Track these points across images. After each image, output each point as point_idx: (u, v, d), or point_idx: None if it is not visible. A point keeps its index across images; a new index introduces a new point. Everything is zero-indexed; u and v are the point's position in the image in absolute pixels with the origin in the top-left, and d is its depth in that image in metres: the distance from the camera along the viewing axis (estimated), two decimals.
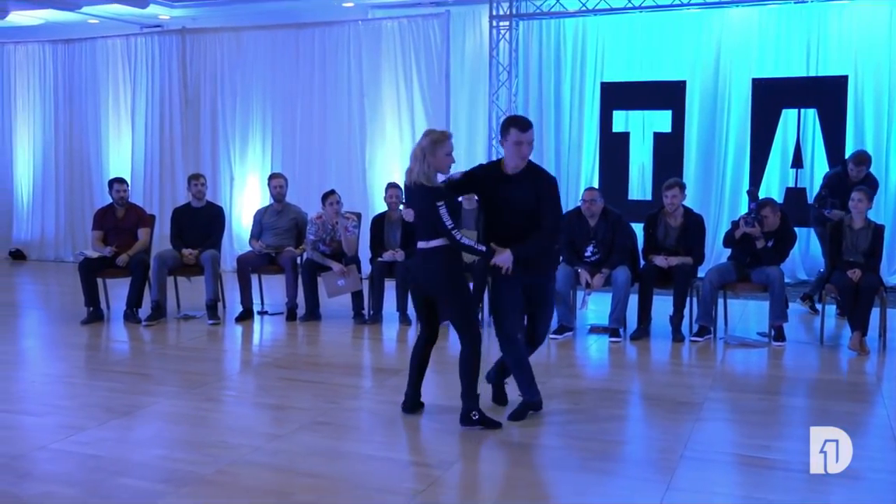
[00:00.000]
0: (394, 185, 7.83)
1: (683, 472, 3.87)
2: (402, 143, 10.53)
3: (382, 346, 6.92)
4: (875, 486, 3.76)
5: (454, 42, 10.33)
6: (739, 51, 9.66)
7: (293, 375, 5.74)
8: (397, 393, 5.31)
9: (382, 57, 10.57)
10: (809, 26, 9.40)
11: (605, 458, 4.15)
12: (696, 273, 6.96)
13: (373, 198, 10.23)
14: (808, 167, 9.28)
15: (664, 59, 9.85)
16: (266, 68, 11.09)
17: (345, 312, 7.61)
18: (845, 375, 5.88)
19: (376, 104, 10.64)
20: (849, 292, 6.39)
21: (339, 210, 7.50)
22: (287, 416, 4.78)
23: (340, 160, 10.78)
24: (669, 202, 6.84)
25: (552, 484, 3.83)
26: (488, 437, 4.36)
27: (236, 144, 11.29)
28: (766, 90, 9.13)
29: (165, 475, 3.86)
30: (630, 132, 9.71)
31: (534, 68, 10.35)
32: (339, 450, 4.21)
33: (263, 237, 7.89)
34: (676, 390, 5.35)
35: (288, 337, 7.10)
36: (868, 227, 6.62)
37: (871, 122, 9.27)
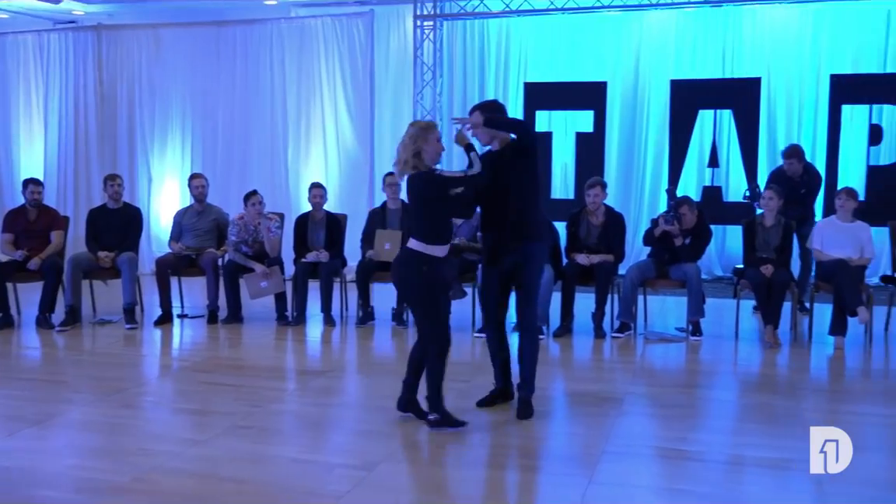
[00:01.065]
0: (318, 184, 7.78)
1: (605, 466, 3.94)
2: (325, 143, 10.46)
3: (306, 347, 6.85)
4: (785, 475, 3.89)
5: (378, 41, 10.31)
6: (658, 53, 9.89)
7: (214, 379, 5.64)
8: (322, 395, 5.28)
9: (306, 56, 10.48)
10: (725, 29, 9.68)
11: (529, 454, 4.19)
12: (616, 270, 7.09)
13: (296, 198, 10.13)
14: (723, 166, 9.55)
15: (586, 61, 10.02)
16: (186, 67, 10.88)
17: (268, 314, 7.52)
18: (759, 368, 6.07)
19: (300, 104, 10.54)
20: (762, 288, 6.60)
21: (261, 211, 7.41)
22: (208, 421, 4.69)
23: (263, 160, 10.65)
24: (591, 201, 6.96)
25: (477, 482, 3.85)
26: (414, 437, 4.36)
27: (155, 144, 11.05)
28: (684, 91, 9.35)
29: (80, 485, 3.75)
30: (553, 132, 9.83)
31: (458, 68, 10.41)
32: (262, 454, 4.15)
33: (183, 239, 7.74)
34: (598, 386, 5.45)
35: (209, 340, 6.97)
36: (779, 224, 6.86)
37: (783, 123, 9.59)
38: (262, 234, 7.38)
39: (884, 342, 6.75)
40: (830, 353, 6.35)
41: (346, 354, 6.70)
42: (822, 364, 6.18)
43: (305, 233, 7.59)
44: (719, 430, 4.56)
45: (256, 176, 10.38)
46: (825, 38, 9.42)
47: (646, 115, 10.00)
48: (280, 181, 10.50)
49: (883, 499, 3.62)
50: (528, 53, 10.27)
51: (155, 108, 11.02)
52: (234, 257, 7.41)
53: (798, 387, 5.55)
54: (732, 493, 3.72)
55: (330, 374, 5.78)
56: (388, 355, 6.57)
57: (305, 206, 8.00)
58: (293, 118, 10.56)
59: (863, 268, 6.69)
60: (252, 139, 10.68)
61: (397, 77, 10.40)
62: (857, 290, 6.37)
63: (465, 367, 5.97)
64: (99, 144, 11.20)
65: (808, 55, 9.47)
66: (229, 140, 10.79)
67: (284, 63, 10.54)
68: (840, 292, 6.41)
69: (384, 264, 7.27)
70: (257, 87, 10.64)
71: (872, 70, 9.15)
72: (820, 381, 5.82)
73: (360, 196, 10.07)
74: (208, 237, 7.75)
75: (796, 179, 7.69)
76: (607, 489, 3.71)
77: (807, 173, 7.77)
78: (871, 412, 4.93)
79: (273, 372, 5.95)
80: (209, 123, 10.87)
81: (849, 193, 6.81)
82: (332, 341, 6.96)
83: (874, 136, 8.95)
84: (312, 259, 7.39)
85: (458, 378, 5.57)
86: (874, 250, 6.88)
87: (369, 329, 7.28)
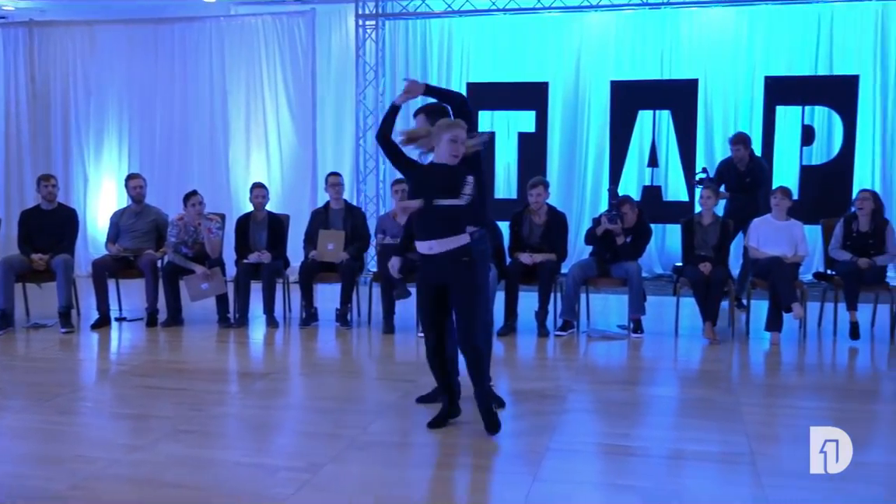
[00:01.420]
0: (259, 184, 7.70)
1: (549, 464, 3.97)
2: (266, 142, 10.34)
3: (249, 349, 6.77)
4: (724, 468, 3.97)
5: (320, 41, 10.23)
6: (598, 54, 10.01)
7: (154, 383, 5.54)
8: (265, 397, 5.23)
9: (246, 55, 10.35)
10: (663, 31, 9.84)
11: (474, 453, 4.21)
12: (559, 269, 7.16)
13: (237, 198, 10.00)
14: (662, 166, 9.71)
15: (528, 61, 10.09)
16: (122, 65, 10.65)
17: (209, 316, 7.41)
18: (699, 364, 6.20)
19: (240, 103, 10.41)
20: (700, 285, 6.74)
21: (201, 211, 7.31)
22: (148, 426, 4.61)
23: (202, 160, 10.49)
24: (534, 200, 7.01)
25: (421, 482, 3.85)
26: (359, 438, 4.35)
27: (91, 144, 10.79)
28: (623, 92, 9.48)
29: (15, 493, 3.64)
30: (496, 132, 9.88)
31: (400, 68, 10.39)
32: (204, 458, 4.09)
33: (121, 240, 7.58)
34: (542, 384, 5.49)
35: (148, 343, 6.85)
36: (716, 223, 7.03)
37: (720, 124, 9.79)
38: (203, 235, 7.28)
39: (817, 337, 6.95)
40: (767, 349, 6.51)
41: (289, 356, 6.64)
42: (758, 359, 6.33)
43: (247, 233, 7.50)
44: (660, 426, 4.63)
45: (196, 176, 10.21)
46: (760, 41, 9.65)
47: (587, 116, 10.11)
48: (221, 181, 10.35)
49: (817, 489, 3.72)
50: (470, 54, 10.31)
51: (91, 107, 10.77)
52: (173, 259, 7.29)
53: (736, 382, 5.68)
54: (674, 487, 3.79)
55: (273, 376, 5.73)
56: (332, 356, 6.53)
57: (247, 206, 7.91)
58: (234, 117, 10.42)
59: (797, 265, 6.89)
60: (192, 139, 10.52)
61: (339, 77, 10.34)
62: (792, 286, 6.55)
63: (409, 368, 5.97)
64: (32, 144, 10.89)
65: (743, 57, 9.68)
66: (168, 140, 10.60)
67: (225, 62, 10.39)
68: (775, 289, 6.58)
69: (328, 265, 7.24)
70: (197, 85, 10.47)
71: (805, 72, 9.41)
72: (757, 376, 5.96)
73: (303, 196, 9.98)
74: (147, 238, 7.61)
75: (742, 169, 7.87)
76: (551, 486, 3.75)
77: (752, 162, 7.95)
78: (805, 405, 5.07)
79: (215, 374, 5.87)
80: (147, 123, 10.66)
81: (783, 192, 7.00)
82: (275, 343, 6.89)
83: (807, 137, 9.20)
84: (254, 260, 7.31)
85: (403, 378, 5.58)
86: (808, 248, 7.08)
87: (313, 330, 7.23)
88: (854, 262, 6.72)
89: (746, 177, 7.87)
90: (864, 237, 6.83)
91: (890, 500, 3.60)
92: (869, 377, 5.99)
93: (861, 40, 9.36)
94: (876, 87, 9.32)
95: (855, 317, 6.62)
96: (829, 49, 9.43)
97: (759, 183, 7.90)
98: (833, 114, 9.16)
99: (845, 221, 6.96)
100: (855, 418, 4.77)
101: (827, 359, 6.49)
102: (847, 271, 6.71)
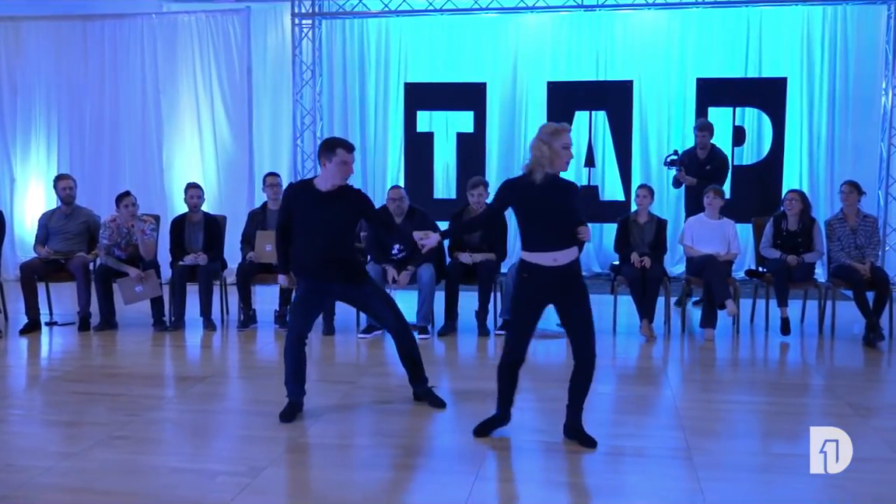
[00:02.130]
0: (194, 185, 7.57)
1: (492, 462, 4.00)
2: (201, 142, 10.18)
3: (185, 353, 6.66)
4: (661, 463, 4.06)
5: (255, 39, 10.11)
6: (535, 55, 10.10)
7: (87, 389, 5.41)
8: (202, 401, 5.15)
9: (179, 53, 10.17)
10: (598, 33, 9.98)
11: (416, 453, 4.21)
12: (499, 269, 7.21)
13: (171, 199, 9.82)
14: (599, 166, 9.85)
15: (465, 62, 10.13)
16: (50, 63, 10.37)
17: (144, 320, 7.27)
18: (636, 361, 6.30)
19: (174, 102, 10.23)
20: (637, 283, 6.86)
21: (134, 212, 7.16)
22: (81, 433, 4.50)
23: (135, 160, 10.28)
24: (475, 201, 7.01)
25: (363, 483, 3.84)
26: (299, 440, 4.31)
27: (17, 144, 10.48)
28: (560, 93, 9.57)
29: None
30: (434, 132, 9.90)
31: (338, 68, 10.34)
32: (140, 464, 4.01)
33: (51, 242, 7.38)
34: (483, 383, 5.50)
35: (81, 348, 6.68)
36: (652, 221, 7.17)
37: (654, 125, 9.98)
38: (136, 236, 7.13)
39: (749, 333, 7.13)
40: (702, 345, 6.66)
41: (227, 359, 6.55)
42: (694, 355, 6.46)
43: (182, 235, 7.38)
44: (599, 423, 4.69)
45: (129, 177, 10.02)
46: (692, 43, 9.85)
47: (524, 116, 10.19)
48: (154, 182, 10.16)
49: (755, 480, 3.82)
50: (408, 54, 10.31)
51: (17, 106, 10.45)
52: (106, 261, 7.13)
53: (672, 377, 5.79)
54: (613, 482, 3.85)
55: (210, 380, 5.64)
56: (271, 359, 6.45)
57: (181, 207, 7.78)
58: (167, 117, 10.23)
59: (730, 263, 7.06)
60: (123, 138, 10.29)
61: (276, 76, 10.23)
62: (725, 284, 6.72)
63: (349, 369, 5.94)
64: None
65: (676, 59, 9.88)
66: (98, 139, 10.35)
67: (157, 60, 10.19)
68: (709, 286, 6.74)
69: (266, 266, 7.17)
70: (128, 84, 10.25)
71: (735, 74, 9.64)
72: (692, 372, 6.09)
73: (240, 197, 9.86)
74: (78, 241, 7.43)
75: (702, 157, 8.03)
76: (494, 484, 3.77)
77: (713, 151, 8.13)
78: (739, 400, 5.20)
79: (150, 379, 5.75)
80: (76, 122, 10.40)
81: (716, 192, 7.17)
82: (212, 346, 6.79)
83: (738, 137, 9.43)
84: (190, 262, 7.20)
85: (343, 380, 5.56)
86: (740, 246, 7.26)
87: (251, 332, 7.15)
88: (783, 259, 6.92)
89: (707, 164, 8.04)
90: (793, 236, 7.04)
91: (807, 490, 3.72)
92: (800, 371, 6.17)
93: (789, 43, 9.64)
94: (803, 89, 9.61)
95: (785, 313, 6.83)
96: (759, 51, 9.69)
97: (718, 173, 8.05)
98: (763, 115, 9.41)
99: (775, 220, 7.16)
100: (787, 412, 4.92)
101: (759, 354, 6.66)
102: (777, 269, 6.91)
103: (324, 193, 4.70)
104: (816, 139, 9.72)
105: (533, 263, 4.19)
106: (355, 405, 4.92)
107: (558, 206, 4.16)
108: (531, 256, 4.20)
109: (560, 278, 4.17)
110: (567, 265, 4.17)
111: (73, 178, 7.68)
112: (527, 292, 4.26)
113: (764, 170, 9.29)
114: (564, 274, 4.17)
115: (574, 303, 4.21)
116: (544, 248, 4.17)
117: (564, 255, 4.16)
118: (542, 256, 4.17)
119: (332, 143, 4.71)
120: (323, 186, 4.70)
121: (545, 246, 4.17)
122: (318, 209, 4.68)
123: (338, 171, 4.65)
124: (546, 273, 4.17)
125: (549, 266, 4.15)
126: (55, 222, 7.47)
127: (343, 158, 4.64)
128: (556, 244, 4.16)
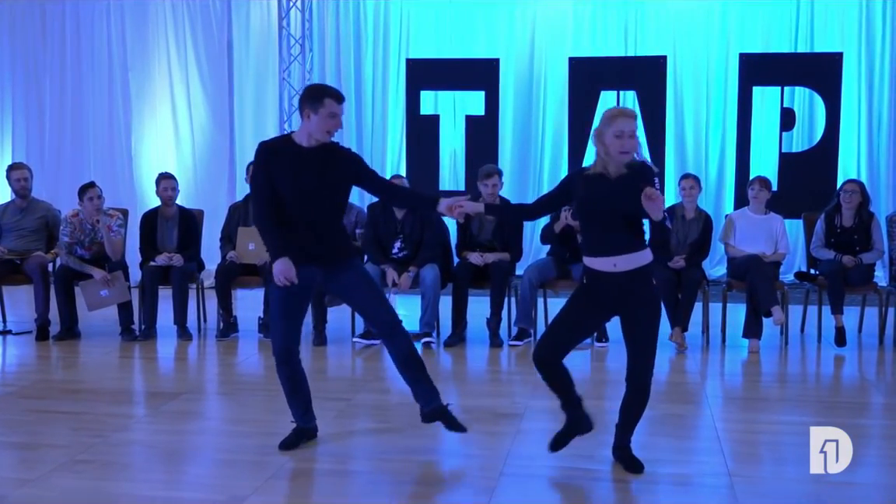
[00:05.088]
0: (167, 175, 7.60)
1: (504, 490, 4.00)
2: (176, 127, 10.24)
3: (158, 366, 6.69)
4: (703, 492, 4.05)
5: (237, 11, 10.17)
6: (555, 28, 10.11)
7: (46, 406, 5.43)
8: (176, 420, 5.16)
9: (150, 28, 10.22)
10: (627, 2, 9.97)
11: (419, 480, 4.21)
12: (513, 271, 7.20)
13: (142, 191, 9.88)
14: None
15: (475, 35, 10.14)
16: (4, 44, 10.43)
17: (110, 328, 7.31)
18: (667, 375, 6.28)
19: (144, 83, 10.28)
20: (671, 286, 6.80)
21: (100, 206, 7.18)
22: (39, 457, 4.51)
23: (100, 148, 10.35)
24: (489, 192, 6.96)
25: None
26: (285, 466, 4.32)
27: None
28: (584, 70, 9.57)
29: None
30: (440, 115, 9.91)
31: (331, 41, 10.36)
32: (106, 492, 4.03)
33: (4, 240, 7.43)
34: (495, 400, 5.52)
35: (38, 360, 6.73)
36: (699, 217, 7.07)
37: (691, 106, 9.97)
38: (102, 233, 7.16)
39: (800, 344, 7.12)
40: (744, 357, 6.64)
41: (204, 373, 6.58)
42: (735, 369, 6.45)
43: (154, 232, 7.41)
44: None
45: (93, 166, 10.09)
46: (734, 15, 9.85)
47: (542, 97, 10.20)
48: (122, 172, 10.22)
49: None
50: (410, 26, 10.32)
51: None
52: (67, 262, 7.16)
53: (711, 395, 5.78)
54: None
55: (186, 397, 5.66)
56: (254, 372, 6.47)
57: (154, 200, 7.82)
58: (136, 100, 10.29)
59: (777, 264, 7.03)
60: (86, 123, 10.36)
61: (260, 52, 10.28)
62: (772, 288, 6.68)
63: (343, 384, 5.95)
64: None
65: (716, 33, 9.88)
66: (59, 126, 10.43)
67: (125, 37, 10.26)
68: (753, 291, 6.69)
69: (248, 267, 7.18)
70: (92, 65, 10.33)
71: (783, 49, 9.62)
72: (734, 389, 6.07)
73: (219, 189, 9.90)
74: (35, 238, 7.47)
75: None
76: None
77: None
78: (787, 420, 5.18)
79: (118, 396, 5.78)
80: (34, 107, 10.51)
81: (762, 183, 7.12)
82: (188, 358, 6.82)
83: (786, 121, 9.41)
84: (163, 262, 7.22)
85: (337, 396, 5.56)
86: (789, 244, 7.24)
87: (232, 342, 7.17)
88: (838, 260, 6.88)
89: None
90: (848, 233, 7.00)
91: None
92: (857, 388, 6.15)
93: (845, 14, 9.61)
94: (861, 66, 9.59)
95: (841, 321, 6.80)
96: (811, 23, 9.67)
97: None
98: (815, 96, 9.40)
99: (827, 216, 7.09)
100: None
101: (811, 368, 6.65)
102: (831, 271, 6.87)
103: (306, 150, 4.30)
104: (876, 123, 9.70)
105: (592, 269, 4.12)
106: (351, 425, 4.92)
107: (616, 205, 4.01)
108: (589, 261, 4.15)
109: (620, 286, 4.06)
110: (630, 272, 4.05)
111: (28, 167, 7.73)
112: (587, 295, 4.20)
113: (816, 158, 9.28)
114: (625, 282, 4.05)
115: (634, 317, 4.10)
116: (602, 253, 4.09)
117: (626, 261, 4.04)
118: (600, 262, 4.09)
119: (318, 91, 4.35)
120: (305, 142, 4.32)
121: (602, 250, 4.08)
122: (303, 171, 4.29)
123: (324, 123, 4.27)
124: (605, 280, 4.09)
125: (609, 272, 4.07)
126: (9, 218, 7.52)
127: (332, 110, 4.25)
128: (615, 248, 4.05)
